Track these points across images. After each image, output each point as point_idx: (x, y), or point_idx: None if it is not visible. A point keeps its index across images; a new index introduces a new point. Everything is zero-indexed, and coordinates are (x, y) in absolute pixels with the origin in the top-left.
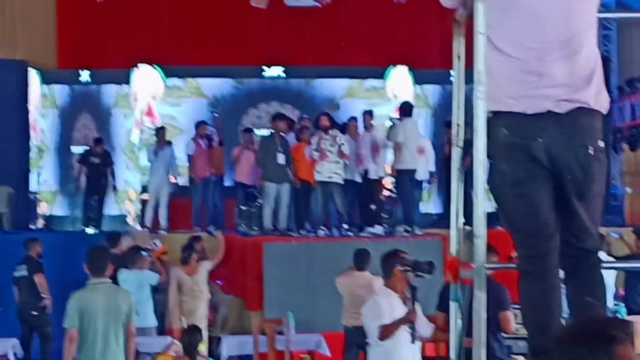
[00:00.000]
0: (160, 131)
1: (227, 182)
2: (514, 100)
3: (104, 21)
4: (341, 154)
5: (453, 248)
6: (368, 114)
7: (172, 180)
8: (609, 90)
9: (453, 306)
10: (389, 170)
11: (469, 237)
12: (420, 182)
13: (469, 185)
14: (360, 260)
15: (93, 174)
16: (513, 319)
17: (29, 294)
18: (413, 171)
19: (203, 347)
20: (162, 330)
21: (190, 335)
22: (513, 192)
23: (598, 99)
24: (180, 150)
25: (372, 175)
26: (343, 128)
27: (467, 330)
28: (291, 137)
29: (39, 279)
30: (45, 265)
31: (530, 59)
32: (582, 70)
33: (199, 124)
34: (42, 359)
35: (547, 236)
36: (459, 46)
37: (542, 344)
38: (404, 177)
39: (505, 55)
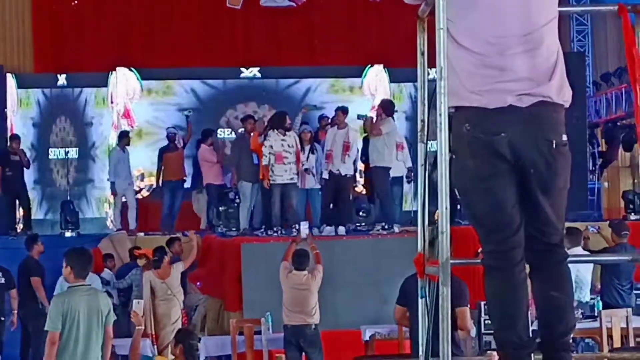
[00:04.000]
0: (124, 135)
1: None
2: (475, 95)
3: (80, 25)
4: (297, 159)
5: (419, 244)
6: (341, 110)
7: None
8: (585, 86)
9: (421, 303)
10: (361, 168)
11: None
12: (401, 179)
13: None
14: (299, 260)
15: (11, 173)
16: (468, 315)
17: None
18: (389, 168)
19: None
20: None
21: (189, 338)
22: (477, 187)
23: (560, 92)
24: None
25: (341, 172)
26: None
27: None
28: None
29: (12, 293)
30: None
31: (491, 53)
32: (544, 64)
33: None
34: None
35: (512, 231)
36: (422, 42)
37: (508, 337)
38: (381, 174)
39: (466, 50)
